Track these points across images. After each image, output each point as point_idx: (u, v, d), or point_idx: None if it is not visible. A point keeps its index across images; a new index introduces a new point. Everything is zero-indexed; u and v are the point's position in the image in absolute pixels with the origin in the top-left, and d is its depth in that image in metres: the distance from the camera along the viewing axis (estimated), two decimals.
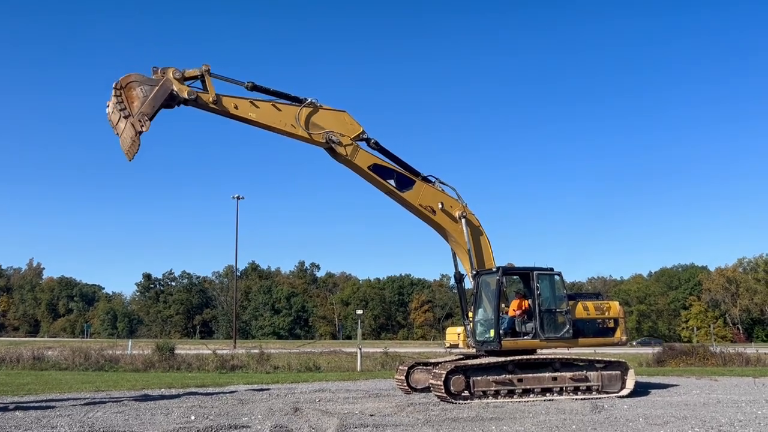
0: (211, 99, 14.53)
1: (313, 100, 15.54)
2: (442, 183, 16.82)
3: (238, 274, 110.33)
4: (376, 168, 16.11)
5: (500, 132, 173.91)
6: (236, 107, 14.86)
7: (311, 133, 15.45)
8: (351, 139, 15.83)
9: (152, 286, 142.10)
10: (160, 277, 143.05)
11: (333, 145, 15.63)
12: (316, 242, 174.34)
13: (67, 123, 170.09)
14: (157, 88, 13.94)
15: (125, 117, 13.60)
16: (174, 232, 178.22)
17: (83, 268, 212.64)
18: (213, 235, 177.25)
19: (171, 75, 14.22)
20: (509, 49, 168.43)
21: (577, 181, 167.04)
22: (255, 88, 15.10)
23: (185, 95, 14.26)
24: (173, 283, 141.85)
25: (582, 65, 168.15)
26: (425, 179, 16.66)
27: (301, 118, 15.33)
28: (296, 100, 15.51)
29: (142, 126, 13.56)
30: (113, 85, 13.74)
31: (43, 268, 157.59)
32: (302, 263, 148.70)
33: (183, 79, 14.35)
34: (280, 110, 15.25)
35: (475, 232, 16.67)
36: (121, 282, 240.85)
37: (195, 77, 14.55)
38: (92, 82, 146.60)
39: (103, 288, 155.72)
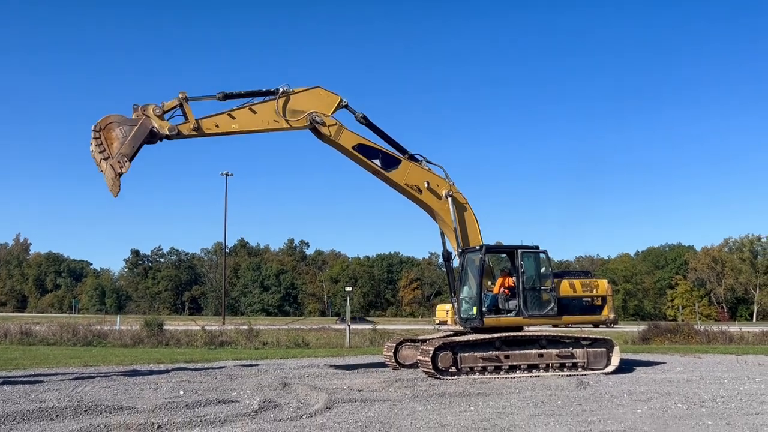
0: (192, 127, 14.53)
1: (284, 88, 15.41)
2: (429, 162, 16.78)
3: (227, 251, 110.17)
4: (361, 148, 16.04)
5: (487, 112, 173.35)
6: (217, 126, 14.86)
7: (294, 120, 15.39)
8: (333, 116, 15.74)
9: (141, 262, 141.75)
10: (148, 253, 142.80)
11: (317, 126, 15.56)
12: (305, 220, 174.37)
13: (54, 97, 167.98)
14: (136, 127, 13.85)
15: (104, 159, 13.54)
16: (162, 208, 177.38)
17: (71, 244, 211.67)
18: (202, 212, 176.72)
19: (151, 112, 14.16)
20: (496, 30, 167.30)
21: (565, 162, 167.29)
22: (226, 96, 15.13)
23: (166, 131, 14.25)
24: (162, 260, 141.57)
25: (570, 42, 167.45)
26: (412, 158, 16.60)
27: (279, 110, 15.26)
28: (269, 94, 15.40)
29: (122, 167, 13.51)
30: (92, 128, 13.63)
31: (30, 244, 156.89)
32: (291, 241, 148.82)
33: (163, 114, 14.27)
34: (256, 112, 15.17)
35: (462, 210, 16.68)
36: (109, 258, 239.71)
37: (175, 107, 14.49)
38: (84, 63, 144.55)
39: (91, 264, 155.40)
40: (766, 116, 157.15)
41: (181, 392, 12.05)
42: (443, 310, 17.29)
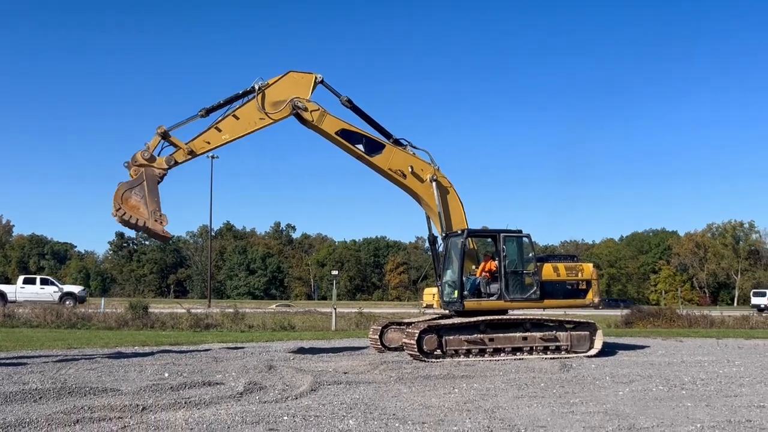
0: (185, 152, 14.71)
1: (260, 84, 15.31)
2: (414, 147, 16.76)
3: (213, 234, 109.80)
4: (344, 133, 15.98)
5: (474, 96, 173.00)
6: (208, 142, 14.98)
7: (277, 112, 15.35)
8: (316, 102, 15.68)
9: (125, 245, 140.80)
10: (133, 236, 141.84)
11: (300, 112, 15.49)
12: (291, 203, 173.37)
13: (39, 73, 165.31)
14: (146, 184, 14.14)
15: (141, 225, 14.11)
16: None
17: (54, 226, 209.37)
18: (187, 195, 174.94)
19: (142, 160, 14.25)
20: (486, 15, 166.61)
21: (552, 148, 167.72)
22: (208, 111, 15.25)
23: (165, 167, 14.44)
24: (147, 243, 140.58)
25: (560, 33, 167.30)
26: (396, 142, 16.57)
27: (261, 107, 15.22)
28: (246, 94, 15.35)
29: (162, 222, 14.17)
30: (114, 207, 13.92)
31: (13, 226, 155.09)
32: (278, 224, 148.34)
33: (152, 156, 14.41)
34: (239, 118, 15.16)
35: (446, 194, 16.69)
36: (93, 241, 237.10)
37: (159, 143, 14.59)
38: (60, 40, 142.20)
39: (75, 246, 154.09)
40: (749, 105, 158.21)
41: (166, 374, 12.05)
42: (430, 294, 17.39)
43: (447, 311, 16.37)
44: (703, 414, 8.64)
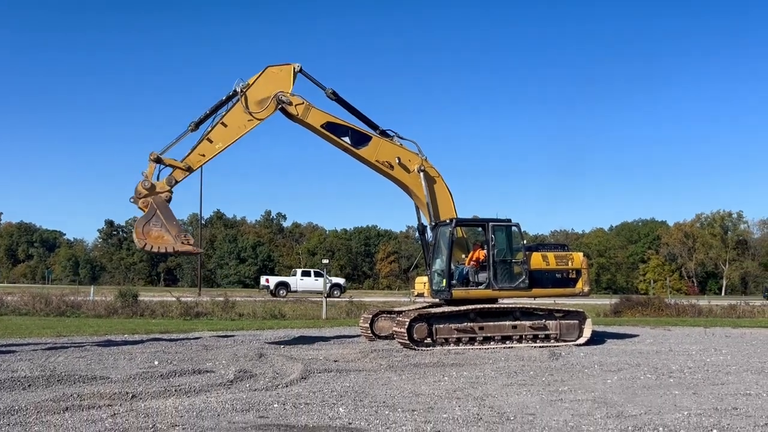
0: (183, 169, 14.82)
1: (240, 86, 15.24)
2: (401, 137, 16.73)
3: (203, 222, 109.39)
4: (330, 126, 15.93)
5: (466, 88, 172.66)
6: (203, 155, 15.01)
7: (263, 111, 15.32)
8: (300, 96, 15.62)
9: (115, 232, 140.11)
10: (123, 224, 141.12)
11: (284, 106, 15.43)
12: (282, 192, 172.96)
13: (27, 54, 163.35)
14: (159, 213, 14.41)
15: (171, 251, 14.73)
16: (137, 179, 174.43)
17: (43, 214, 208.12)
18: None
19: (145, 191, 14.44)
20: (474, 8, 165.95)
21: (543, 140, 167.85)
22: (197, 125, 15.36)
23: (168, 188, 14.66)
24: None
25: (552, 20, 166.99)
26: (383, 134, 16.53)
27: (246, 109, 15.15)
28: (230, 99, 15.34)
29: (188, 241, 14.67)
30: (140, 243, 14.32)
31: (1, 213, 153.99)
32: (268, 213, 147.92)
33: (152, 185, 14.55)
34: (227, 125, 15.13)
35: (434, 184, 16.68)
36: (82, 228, 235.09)
37: (154, 168, 14.71)
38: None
39: (64, 234, 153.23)
40: (740, 95, 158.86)
41: (156, 362, 12.04)
42: (421, 283, 17.44)
43: (437, 300, 16.43)
44: (690, 402, 8.73)
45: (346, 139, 16.07)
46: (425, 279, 17.02)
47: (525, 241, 16.82)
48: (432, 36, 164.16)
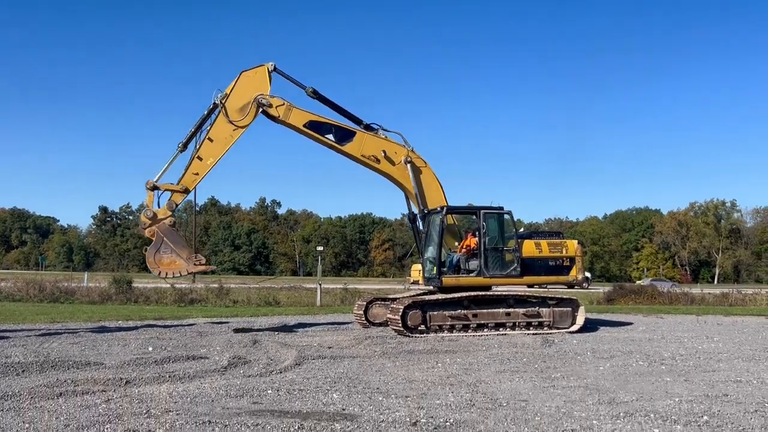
0: (181, 190, 14.99)
1: (219, 97, 15.16)
2: (386, 130, 16.64)
3: (198, 209, 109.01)
4: (312, 124, 15.85)
5: (461, 79, 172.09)
6: (197, 174, 15.17)
7: (246, 118, 15.27)
8: (280, 97, 15.56)
9: (109, 219, 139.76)
10: (117, 210, 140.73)
11: (265, 109, 15.35)
12: (277, 179, 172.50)
13: (21, 41, 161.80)
14: (166, 239, 14.72)
15: (185, 274, 15.20)
16: (131, 165, 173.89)
17: (36, 200, 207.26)
18: (171, 169, 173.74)
19: (148, 220, 14.69)
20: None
21: (540, 129, 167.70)
22: (185, 145, 15.51)
23: (170, 214, 14.90)
24: (131, 217, 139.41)
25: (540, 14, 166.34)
26: (368, 128, 16.42)
27: (229, 119, 15.12)
28: (211, 113, 15.33)
29: (200, 264, 14.98)
30: (155, 272, 14.73)
31: None
32: (263, 200, 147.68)
33: (153, 214, 14.77)
34: (213, 140, 15.19)
35: (421, 174, 16.63)
36: (76, 215, 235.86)
37: (153, 196, 14.92)
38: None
39: (58, 220, 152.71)
40: (731, 85, 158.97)
41: (150, 348, 12.04)
42: (416, 270, 17.51)
43: (432, 287, 16.47)
44: (681, 388, 8.79)
45: (330, 136, 16.00)
46: (420, 267, 17.07)
47: (518, 229, 16.83)
48: (436, 29, 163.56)
